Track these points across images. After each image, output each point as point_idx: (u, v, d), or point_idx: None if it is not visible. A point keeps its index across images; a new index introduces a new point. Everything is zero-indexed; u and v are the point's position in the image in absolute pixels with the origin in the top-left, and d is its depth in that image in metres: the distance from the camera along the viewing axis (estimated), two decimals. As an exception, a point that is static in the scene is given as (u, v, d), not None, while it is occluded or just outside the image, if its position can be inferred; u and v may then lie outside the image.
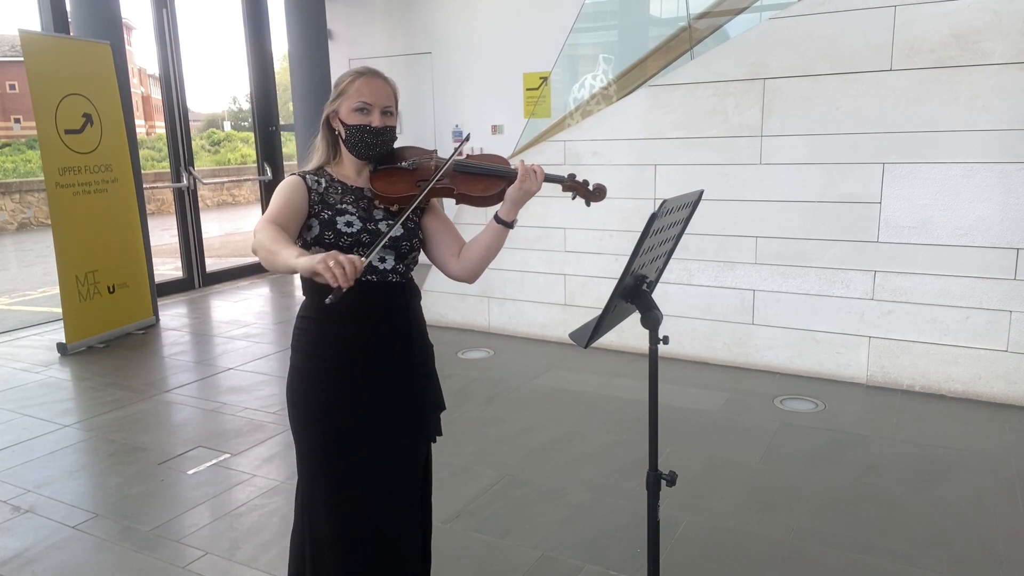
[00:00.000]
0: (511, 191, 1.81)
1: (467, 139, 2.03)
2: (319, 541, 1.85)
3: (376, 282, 1.81)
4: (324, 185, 1.83)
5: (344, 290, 1.47)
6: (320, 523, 1.84)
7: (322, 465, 1.82)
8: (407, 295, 1.88)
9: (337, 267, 1.45)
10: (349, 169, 1.89)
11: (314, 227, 1.78)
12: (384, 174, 1.86)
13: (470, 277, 1.93)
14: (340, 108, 1.84)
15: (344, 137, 1.85)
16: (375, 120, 1.83)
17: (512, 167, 1.86)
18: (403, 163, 1.88)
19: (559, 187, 1.90)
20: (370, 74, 1.85)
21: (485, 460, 3.47)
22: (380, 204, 1.85)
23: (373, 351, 1.81)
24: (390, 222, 1.83)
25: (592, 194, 1.91)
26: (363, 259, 1.52)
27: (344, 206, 1.81)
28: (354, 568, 1.84)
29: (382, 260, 1.81)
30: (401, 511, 1.88)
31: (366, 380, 1.81)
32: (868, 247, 4.23)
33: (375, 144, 1.84)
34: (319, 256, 1.47)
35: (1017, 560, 2.60)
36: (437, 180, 1.80)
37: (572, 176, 1.90)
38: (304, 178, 1.82)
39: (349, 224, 1.78)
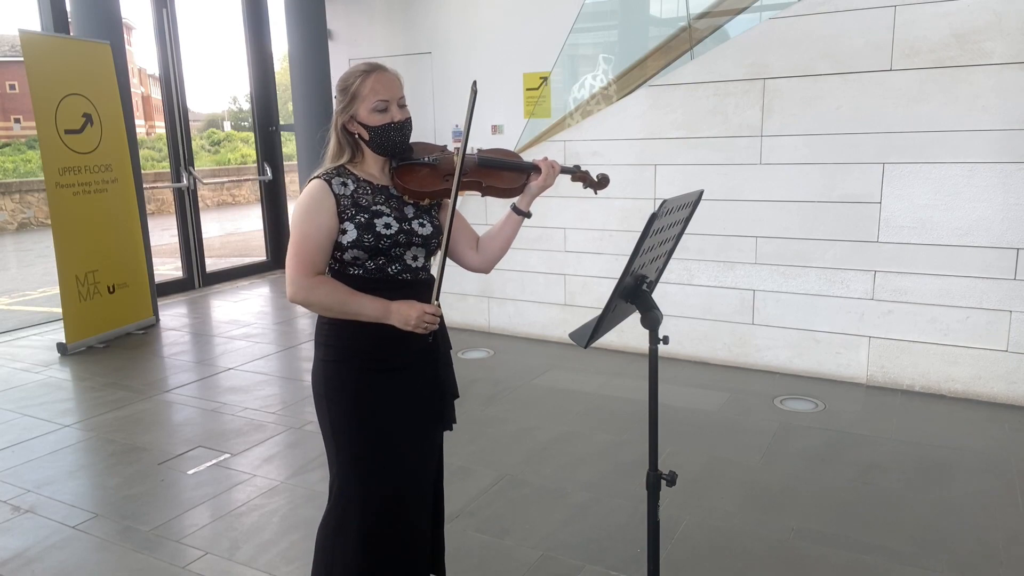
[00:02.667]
0: (535, 185, 1.93)
1: (474, 92, 1.79)
2: (347, 528, 1.88)
3: (410, 280, 1.85)
4: (352, 187, 1.82)
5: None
6: (353, 510, 1.87)
7: (360, 453, 1.85)
8: (431, 289, 1.91)
9: (429, 324, 1.78)
10: (373, 167, 1.88)
11: (349, 231, 1.77)
12: (406, 170, 1.87)
13: (488, 267, 2.03)
14: (358, 111, 1.81)
15: (368, 139, 1.83)
16: (396, 115, 1.83)
17: (527, 161, 1.98)
18: (425, 158, 1.89)
19: (567, 177, 2.05)
20: (379, 69, 1.83)
21: (485, 460, 3.47)
22: (410, 200, 1.86)
23: (403, 343, 1.83)
24: (422, 220, 1.86)
25: (597, 183, 2.07)
26: (436, 304, 1.80)
27: (379, 207, 1.82)
28: (380, 555, 1.88)
29: (415, 259, 1.86)
30: (427, 500, 1.95)
31: (396, 371, 1.86)
32: (868, 247, 4.23)
33: (401, 139, 1.86)
34: (403, 319, 1.76)
35: (1017, 560, 2.60)
36: (463, 175, 1.85)
37: (578, 167, 2.05)
38: (330, 184, 1.80)
39: (388, 226, 1.79)
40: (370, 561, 1.88)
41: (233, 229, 14.83)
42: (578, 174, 2.04)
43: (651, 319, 1.79)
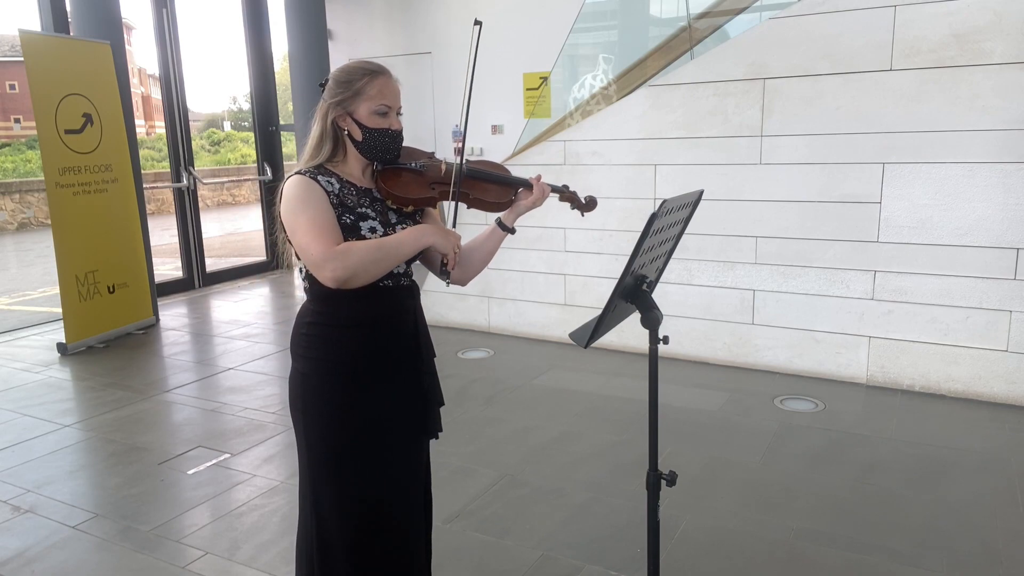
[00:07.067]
0: (524, 204, 1.88)
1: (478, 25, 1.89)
2: (330, 544, 1.83)
3: (391, 287, 1.79)
4: (337, 186, 1.75)
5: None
6: (332, 526, 1.82)
7: (337, 469, 1.79)
8: (414, 296, 1.88)
9: (458, 248, 1.78)
10: (355, 169, 1.81)
11: None
12: (391, 174, 1.81)
13: (465, 280, 1.95)
14: (357, 109, 1.75)
15: (360, 140, 1.77)
16: (395, 123, 1.79)
17: (516, 176, 1.93)
18: (412, 163, 1.83)
19: (555, 196, 1.99)
20: (387, 74, 1.79)
21: (485, 460, 3.47)
22: (393, 205, 1.80)
23: (385, 353, 1.79)
24: (405, 225, 1.79)
25: (585, 205, 2.01)
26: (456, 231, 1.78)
27: (364, 210, 1.75)
28: (368, 568, 1.83)
29: (397, 264, 1.79)
30: (410, 509, 1.89)
31: (378, 382, 1.80)
32: (868, 247, 4.23)
33: (394, 148, 1.80)
34: (443, 237, 1.73)
35: (1017, 560, 2.60)
36: (454, 185, 1.81)
37: (566, 187, 2.00)
38: (317, 180, 1.72)
39: (373, 230, 1.73)
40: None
41: (233, 229, 14.82)
42: (566, 194, 1.97)
43: (651, 319, 1.79)
